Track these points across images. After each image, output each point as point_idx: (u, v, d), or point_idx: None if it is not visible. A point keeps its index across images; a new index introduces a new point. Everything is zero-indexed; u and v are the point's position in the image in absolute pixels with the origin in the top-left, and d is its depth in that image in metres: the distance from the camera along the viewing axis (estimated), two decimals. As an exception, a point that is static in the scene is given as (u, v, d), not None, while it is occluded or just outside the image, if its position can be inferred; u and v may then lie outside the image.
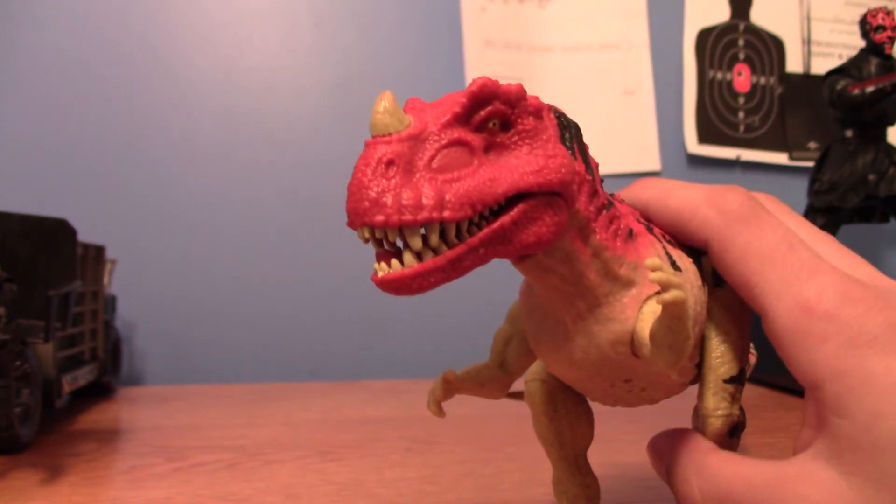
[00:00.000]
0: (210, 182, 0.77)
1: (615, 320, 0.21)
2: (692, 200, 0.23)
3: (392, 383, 0.69)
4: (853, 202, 0.69)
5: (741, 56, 0.92)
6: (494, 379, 0.25)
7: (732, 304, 0.23)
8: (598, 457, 0.41)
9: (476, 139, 0.19)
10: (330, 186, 0.80)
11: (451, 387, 0.25)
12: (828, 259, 0.21)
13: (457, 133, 0.18)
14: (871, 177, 0.69)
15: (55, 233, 0.43)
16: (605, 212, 0.21)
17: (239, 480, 0.37)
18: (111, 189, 0.75)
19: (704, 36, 0.91)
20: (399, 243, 0.18)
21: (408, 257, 0.18)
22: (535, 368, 0.26)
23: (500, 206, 0.18)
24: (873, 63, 0.69)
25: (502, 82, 0.19)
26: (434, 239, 0.18)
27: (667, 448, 0.23)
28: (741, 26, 0.92)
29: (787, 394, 0.62)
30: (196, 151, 0.77)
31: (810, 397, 0.21)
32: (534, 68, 0.85)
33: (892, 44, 0.69)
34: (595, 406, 0.26)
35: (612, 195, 0.23)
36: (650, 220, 0.24)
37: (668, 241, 0.23)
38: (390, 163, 0.18)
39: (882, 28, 0.69)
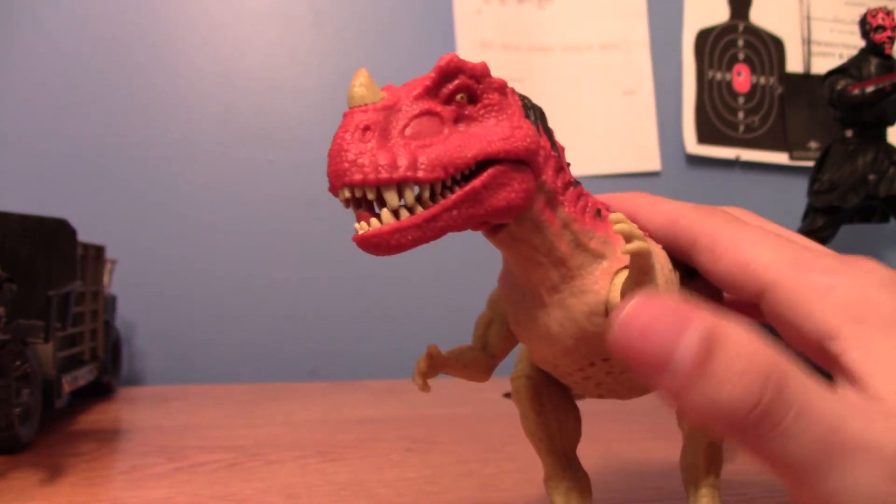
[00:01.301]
0: (210, 182, 0.77)
1: (589, 291, 0.21)
2: (682, 207, 0.25)
3: (392, 383, 0.69)
4: (853, 202, 0.69)
5: (741, 56, 0.92)
6: (477, 360, 0.26)
7: (704, 294, 0.25)
8: (599, 457, 0.41)
9: (446, 110, 0.20)
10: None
11: (434, 362, 0.26)
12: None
13: (427, 104, 0.20)
14: (871, 177, 0.69)
15: (55, 233, 0.43)
16: (572, 188, 0.22)
17: (239, 480, 0.37)
18: (111, 189, 0.75)
19: (704, 36, 0.91)
20: (377, 208, 0.19)
21: (385, 214, 0.19)
22: (521, 366, 0.26)
23: (471, 171, 0.20)
24: (873, 63, 0.69)
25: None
26: (410, 197, 0.19)
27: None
28: (740, 26, 0.92)
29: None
30: (196, 151, 0.77)
31: (823, 353, 0.20)
32: (533, 69, 0.85)
33: (892, 44, 0.69)
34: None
35: (563, 153, 0.24)
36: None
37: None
38: (366, 128, 0.19)
39: (882, 28, 0.69)
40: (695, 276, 0.24)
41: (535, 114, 0.22)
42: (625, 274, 0.21)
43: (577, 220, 0.22)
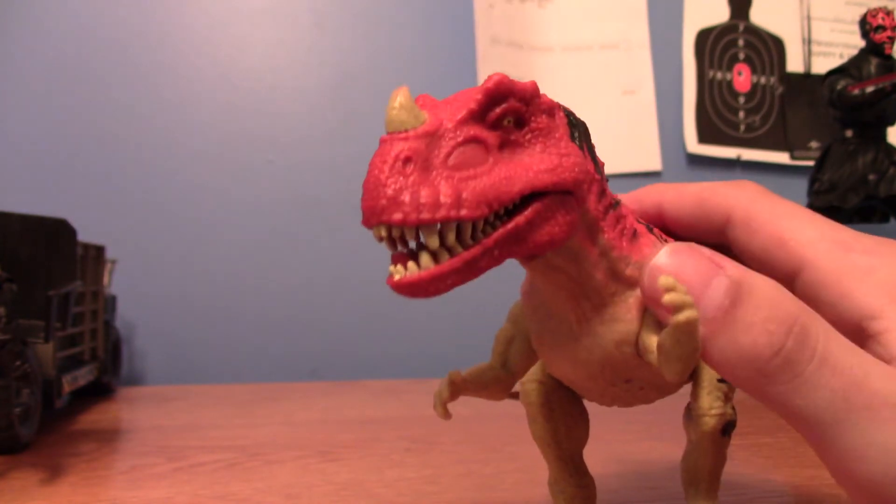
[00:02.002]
0: (210, 182, 0.77)
1: (621, 320, 0.21)
2: (711, 184, 0.24)
3: (392, 383, 0.69)
4: (853, 202, 0.69)
5: (741, 56, 0.92)
6: (497, 380, 0.25)
7: None
8: (599, 457, 0.41)
9: (491, 136, 0.19)
10: (330, 186, 0.80)
11: (456, 388, 0.25)
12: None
13: (472, 130, 0.18)
14: (871, 177, 0.69)
15: (55, 233, 0.43)
16: (612, 211, 0.21)
17: (239, 480, 0.37)
18: (111, 189, 0.75)
19: (704, 36, 0.91)
20: (412, 244, 0.18)
21: (425, 259, 0.18)
22: (533, 369, 0.26)
23: (514, 204, 0.18)
24: (873, 63, 0.69)
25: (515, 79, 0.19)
26: (451, 238, 0.18)
27: None
28: (741, 26, 0.92)
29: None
30: (196, 151, 0.77)
31: (861, 332, 0.20)
32: (534, 68, 0.85)
33: (892, 44, 0.69)
34: (594, 406, 0.26)
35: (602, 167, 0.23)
36: (663, 215, 0.25)
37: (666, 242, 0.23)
38: (407, 160, 0.17)
39: (882, 28, 0.68)
40: None
41: (579, 132, 0.21)
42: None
43: (615, 246, 0.21)
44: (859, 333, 0.20)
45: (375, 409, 0.58)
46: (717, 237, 0.24)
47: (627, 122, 0.87)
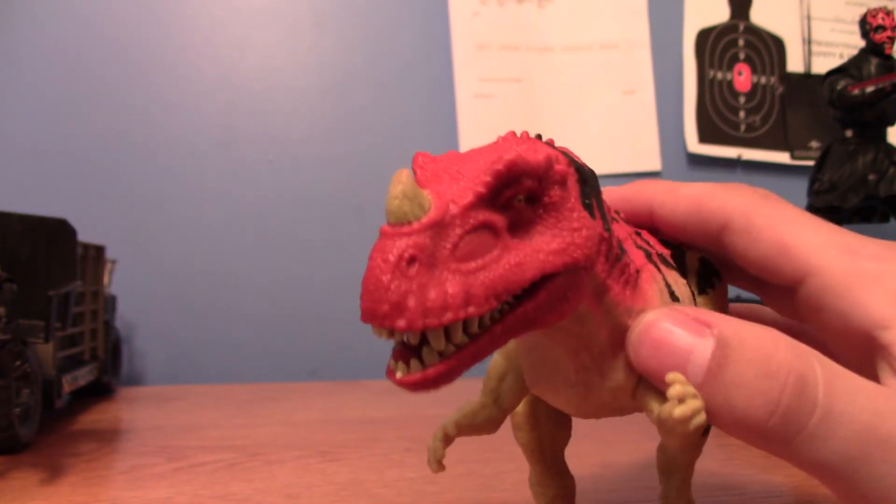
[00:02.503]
0: (210, 182, 0.77)
1: (619, 370, 0.20)
2: (707, 187, 0.23)
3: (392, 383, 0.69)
4: (853, 202, 0.69)
5: (741, 56, 0.92)
6: (489, 420, 0.24)
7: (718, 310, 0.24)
8: (598, 457, 0.41)
9: (500, 219, 0.17)
10: (330, 186, 0.80)
11: (450, 441, 0.24)
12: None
13: (481, 216, 0.17)
14: (871, 177, 0.69)
15: (55, 233, 0.43)
16: (617, 264, 0.20)
17: (239, 480, 0.37)
18: (111, 189, 0.75)
19: (704, 36, 0.91)
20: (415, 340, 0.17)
21: (429, 357, 0.17)
22: None
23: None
24: (873, 63, 0.69)
25: (521, 136, 0.18)
26: (458, 337, 0.17)
27: None
28: (741, 26, 0.92)
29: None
30: (196, 151, 0.77)
31: (870, 343, 0.19)
32: (533, 68, 0.85)
33: (892, 44, 0.69)
34: None
35: (609, 212, 0.21)
36: (654, 215, 0.24)
37: (662, 262, 0.23)
38: (412, 259, 0.16)
39: (882, 28, 0.68)
40: (704, 292, 0.24)
41: (589, 187, 0.19)
42: None
43: (620, 302, 0.20)
44: (869, 343, 0.19)
45: (375, 409, 0.58)
46: (712, 242, 0.23)
47: (627, 122, 0.87)
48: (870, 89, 0.67)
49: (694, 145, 0.89)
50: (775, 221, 0.21)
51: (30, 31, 0.74)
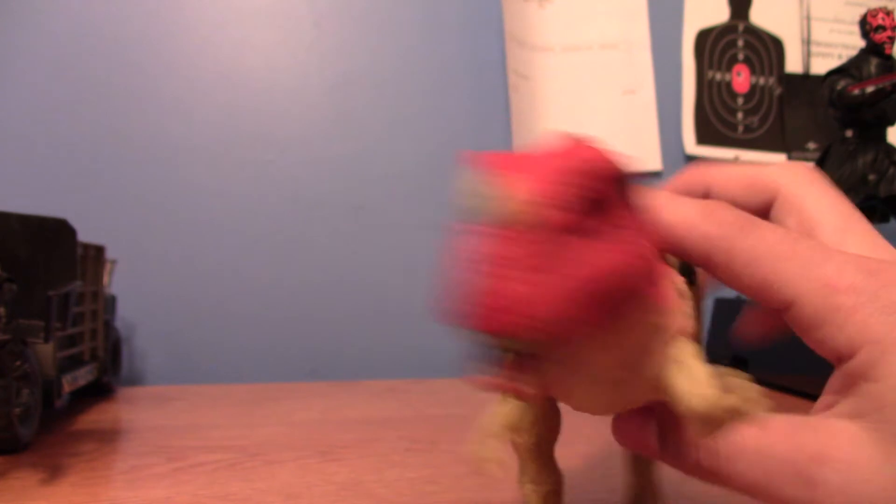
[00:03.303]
0: (210, 182, 0.77)
1: (649, 366, 0.20)
2: (687, 216, 0.22)
3: (392, 383, 0.69)
4: (853, 202, 0.69)
5: (740, 56, 0.92)
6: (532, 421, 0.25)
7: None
8: (598, 457, 0.41)
9: (583, 221, 0.17)
10: (330, 186, 0.80)
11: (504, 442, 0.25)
12: (846, 244, 0.22)
13: (571, 218, 0.17)
14: (871, 177, 0.69)
15: (55, 233, 0.43)
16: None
17: (239, 480, 0.37)
18: (111, 189, 0.75)
19: (704, 36, 0.91)
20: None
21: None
22: None
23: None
24: (873, 63, 0.69)
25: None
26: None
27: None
28: (740, 27, 0.92)
29: (788, 394, 0.62)
30: (196, 151, 0.77)
31: (838, 372, 0.20)
32: (534, 68, 0.85)
33: (892, 44, 0.69)
34: None
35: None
36: (710, 197, 0.25)
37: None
38: (530, 264, 0.16)
39: (882, 28, 0.69)
40: (693, 282, 0.24)
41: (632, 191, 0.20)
42: (682, 351, 0.20)
43: (646, 297, 0.20)
44: (845, 378, 0.20)
45: (375, 409, 0.58)
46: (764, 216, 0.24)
47: (627, 122, 0.87)
48: (870, 89, 0.67)
49: (692, 147, 0.89)
50: (755, 257, 0.21)
51: (30, 30, 0.74)
